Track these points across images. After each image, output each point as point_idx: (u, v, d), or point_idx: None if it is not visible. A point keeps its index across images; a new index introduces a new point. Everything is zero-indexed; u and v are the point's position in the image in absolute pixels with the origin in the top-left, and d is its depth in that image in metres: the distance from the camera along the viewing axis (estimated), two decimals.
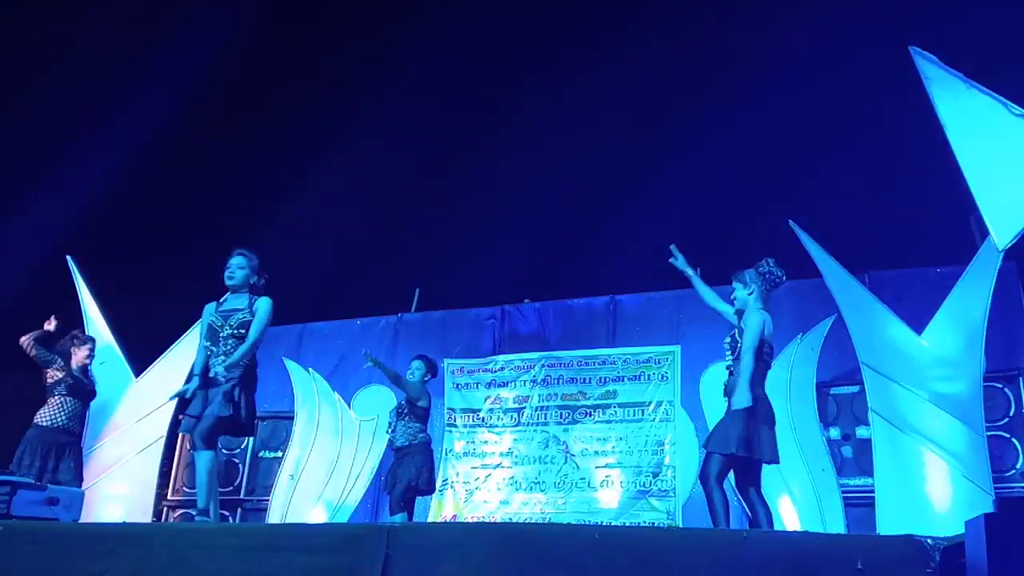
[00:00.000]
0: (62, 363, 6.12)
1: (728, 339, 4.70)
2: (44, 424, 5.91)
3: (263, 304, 4.81)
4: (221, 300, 4.95)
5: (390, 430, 6.29)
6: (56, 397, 6.00)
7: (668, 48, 9.40)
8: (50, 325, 6.29)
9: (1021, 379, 5.70)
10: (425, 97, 10.13)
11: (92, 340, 6.41)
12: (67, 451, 5.91)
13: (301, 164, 10.10)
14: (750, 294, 4.67)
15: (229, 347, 4.70)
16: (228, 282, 4.88)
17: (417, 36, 9.87)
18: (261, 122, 9.97)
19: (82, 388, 6.14)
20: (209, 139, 9.74)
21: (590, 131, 9.97)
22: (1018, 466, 5.54)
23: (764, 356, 4.54)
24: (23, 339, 6.13)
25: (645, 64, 9.52)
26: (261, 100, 10.13)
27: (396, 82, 9.93)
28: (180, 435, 7.24)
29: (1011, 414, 5.64)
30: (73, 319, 7.27)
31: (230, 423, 4.65)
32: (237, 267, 4.87)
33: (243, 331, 4.73)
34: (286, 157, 10.10)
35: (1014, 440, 5.59)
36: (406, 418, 6.16)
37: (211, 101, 9.68)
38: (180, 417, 5.08)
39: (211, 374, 4.72)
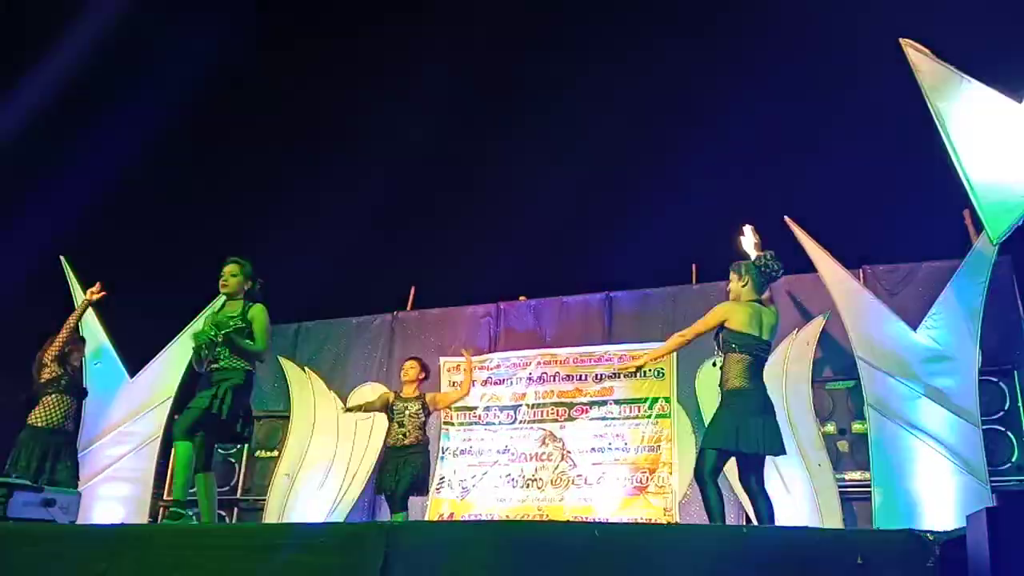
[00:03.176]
0: (63, 358, 6.02)
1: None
2: (39, 425, 5.72)
3: (258, 313, 4.78)
4: (220, 307, 4.99)
5: (396, 426, 6.17)
6: (53, 395, 5.80)
7: (663, 46, 9.41)
8: (96, 294, 6.23)
9: (1016, 373, 5.72)
10: (422, 96, 10.12)
11: (82, 340, 6.36)
12: (63, 451, 5.83)
13: (297, 163, 10.10)
14: (743, 285, 4.64)
15: (217, 354, 4.69)
16: (222, 290, 4.91)
17: (415, 37, 9.87)
18: (258, 122, 9.95)
19: (78, 386, 6.09)
20: (206, 139, 9.71)
21: (586, 129, 9.98)
22: (1013, 459, 5.56)
23: (750, 347, 4.46)
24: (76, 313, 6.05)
25: (641, 62, 9.53)
26: (258, 100, 10.11)
27: (394, 82, 9.93)
28: None
29: (1006, 408, 5.67)
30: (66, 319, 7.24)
31: (214, 421, 4.56)
32: (230, 275, 4.88)
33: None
34: (282, 157, 10.09)
35: (1009, 434, 5.61)
36: (413, 418, 6.06)
37: (210, 101, 9.65)
38: (175, 417, 5.06)
39: (203, 371, 4.73)
